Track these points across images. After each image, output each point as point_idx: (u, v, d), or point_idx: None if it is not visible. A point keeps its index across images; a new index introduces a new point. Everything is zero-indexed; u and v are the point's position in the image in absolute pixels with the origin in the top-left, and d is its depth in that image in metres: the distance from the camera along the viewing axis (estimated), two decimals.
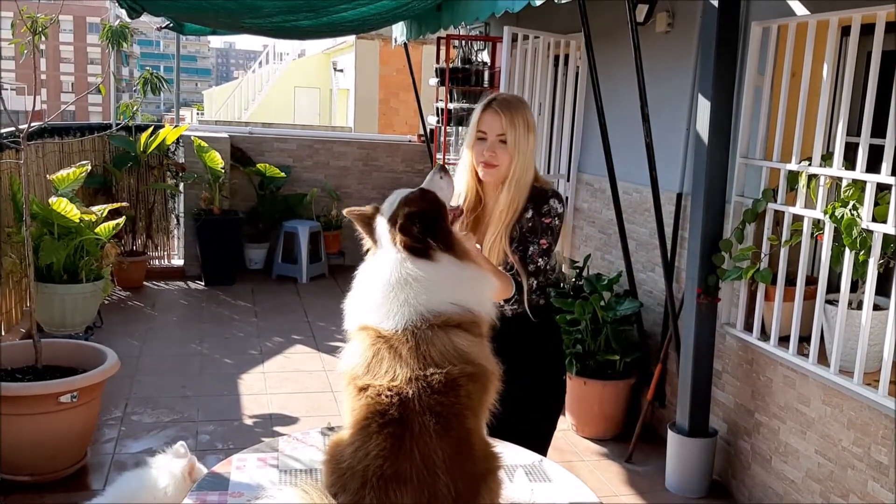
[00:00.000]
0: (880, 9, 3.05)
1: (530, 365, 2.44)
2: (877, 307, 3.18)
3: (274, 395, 4.96)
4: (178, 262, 8.10)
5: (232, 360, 5.56)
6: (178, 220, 8.08)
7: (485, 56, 7.13)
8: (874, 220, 3.09)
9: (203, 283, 7.61)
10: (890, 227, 3.01)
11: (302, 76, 22.19)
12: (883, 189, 3.09)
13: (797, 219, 3.52)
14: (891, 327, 2.99)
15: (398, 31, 7.02)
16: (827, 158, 3.37)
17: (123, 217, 5.86)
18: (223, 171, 7.45)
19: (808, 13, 3.50)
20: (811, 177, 3.42)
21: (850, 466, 3.22)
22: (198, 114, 24.04)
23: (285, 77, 22.65)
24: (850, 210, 3.14)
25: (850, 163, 3.24)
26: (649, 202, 4.28)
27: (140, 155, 7.44)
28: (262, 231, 8.12)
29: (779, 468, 3.65)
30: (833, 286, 3.42)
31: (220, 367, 5.44)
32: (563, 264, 5.49)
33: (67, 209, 5.02)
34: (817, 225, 3.42)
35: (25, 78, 34.48)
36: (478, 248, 2.11)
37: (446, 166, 2.10)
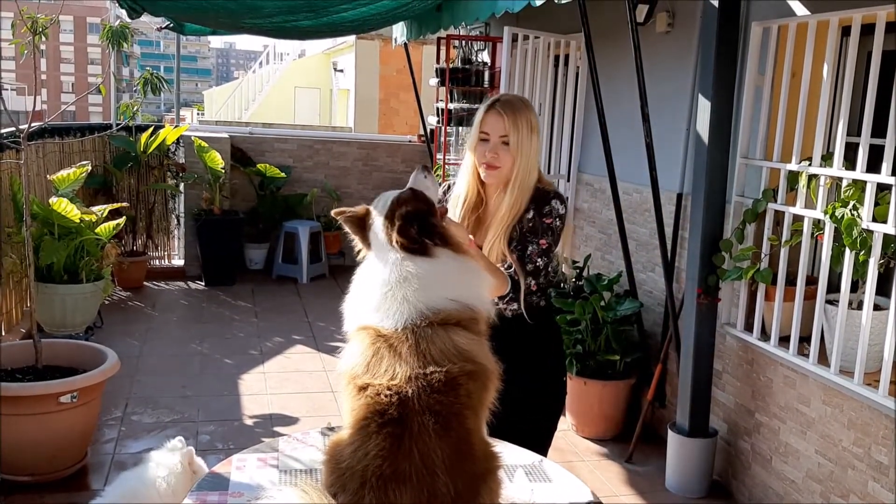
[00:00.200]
0: (880, 9, 3.05)
1: (530, 365, 2.43)
2: (877, 307, 3.18)
3: (274, 396, 4.96)
4: (179, 262, 8.10)
5: (232, 360, 5.56)
6: (178, 221, 8.09)
7: (485, 56, 7.12)
8: (874, 220, 3.09)
9: (203, 284, 7.61)
10: (890, 227, 3.01)
11: (302, 76, 22.20)
12: (883, 189, 3.09)
13: (797, 219, 3.52)
14: (891, 327, 2.99)
15: (398, 31, 7.02)
16: (827, 158, 3.37)
17: (124, 217, 5.86)
18: (223, 171, 7.46)
19: (808, 13, 3.50)
20: (811, 177, 3.42)
21: (850, 466, 3.22)
22: (198, 114, 24.03)
23: (285, 77, 22.66)
24: (851, 210, 3.14)
25: (850, 163, 3.24)
26: (649, 202, 4.28)
27: (140, 155, 7.44)
28: (263, 231, 8.12)
29: (779, 468, 3.64)
30: (833, 286, 3.42)
31: (220, 367, 5.44)
32: (562, 265, 5.49)
33: (68, 209, 5.02)
34: (817, 225, 3.42)
35: (26, 78, 34.51)
36: (470, 238, 2.10)
37: (427, 166, 2.09)
